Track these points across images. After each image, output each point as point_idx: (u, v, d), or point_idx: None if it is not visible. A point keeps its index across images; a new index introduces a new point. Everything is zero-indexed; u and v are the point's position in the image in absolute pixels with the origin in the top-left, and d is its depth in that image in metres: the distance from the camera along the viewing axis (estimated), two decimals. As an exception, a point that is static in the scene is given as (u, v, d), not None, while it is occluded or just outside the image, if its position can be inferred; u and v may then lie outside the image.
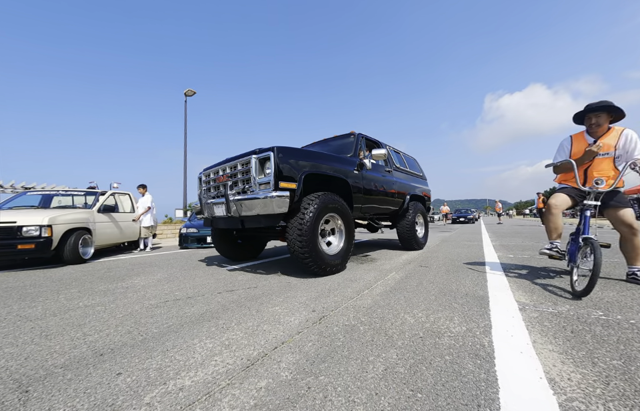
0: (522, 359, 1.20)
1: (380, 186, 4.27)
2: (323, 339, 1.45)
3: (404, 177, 5.28)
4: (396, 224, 5.06)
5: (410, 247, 5.01)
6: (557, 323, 1.58)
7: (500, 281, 2.58)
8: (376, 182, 4.18)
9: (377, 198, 4.21)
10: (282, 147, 2.88)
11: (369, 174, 4.04)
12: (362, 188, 3.80)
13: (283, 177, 2.80)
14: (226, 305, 2.06)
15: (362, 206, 3.85)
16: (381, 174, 4.43)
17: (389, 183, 4.57)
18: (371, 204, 4.08)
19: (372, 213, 4.31)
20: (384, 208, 4.46)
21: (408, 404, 0.94)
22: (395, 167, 5.01)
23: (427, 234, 5.64)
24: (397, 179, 4.90)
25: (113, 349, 1.40)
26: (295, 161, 2.97)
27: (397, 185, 4.82)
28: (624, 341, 1.34)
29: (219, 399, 0.99)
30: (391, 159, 4.98)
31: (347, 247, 3.32)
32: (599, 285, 2.36)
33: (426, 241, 5.53)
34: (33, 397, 1.03)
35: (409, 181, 5.41)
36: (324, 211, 2.99)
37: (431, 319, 1.70)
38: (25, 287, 2.90)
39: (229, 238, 4.30)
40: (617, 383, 1.03)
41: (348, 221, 3.35)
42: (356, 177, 3.71)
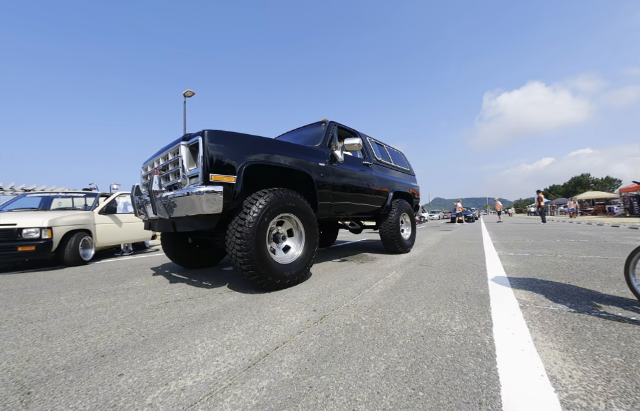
0: (523, 357, 1.20)
1: (356, 181, 3.77)
2: (324, 339, 1.45)
3: (387, 171, 4.73)
4: (379, 224, 4.58)
5: (393, 250, 4.50)
6: (558, 321, 1.58)
7: (500, 280, 2.59)
8: (351, 177, 3.67)
9: (353, 195, 3.71)
10: (215, 131, 2.32)
11: (342, 168, 3.52)
12: (331, 184, 3.27)
13: (215, 168, 2.24)
14: (227, 306, 2.06)
15: (332, 204, 3.32)
16: (358, 168, 3.90)
17: (368, 178, 4.06)
18: (345, 202, 3.57)
19: (348, 212, 3.79)
20: (362, 206, 3.94)
21: (410, 403, 0.95)
22: (375, 160, 4.48)
23: (413, 235, 5.10)
24: (378, 174, 4.38)
25: (114, 350, 1.40)
26: (232, 148, 2.39)
27: (377, 180, 4.29)
28: (625, 338, 1.34)
29: (221, 399, 0.99)
30: (370, 151, 4.47)
31: (307, 253, 2.78)
32: (600, 282, 2.36)
33: (412, 243, 4.99)
34: (34, 399, 1.03)
35: (393, 177, 4.86)
36: (275, 211, 2.47)
37: (431, 317, 1.70)
38: (25, 289, 2.90)
39: (182, 242, 3.66)
40: (618, 380, 1.03)
41: (310, 223, 2.82)
42: (323, 171, 3.16)
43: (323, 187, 3.17)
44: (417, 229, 12.50)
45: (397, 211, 4.45)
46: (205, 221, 2.35)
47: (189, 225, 2.43)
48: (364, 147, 4.31)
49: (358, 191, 3.80)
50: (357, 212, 3.95)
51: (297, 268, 2.63)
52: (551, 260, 3.49)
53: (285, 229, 2.84)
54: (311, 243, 2.84)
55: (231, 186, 2.32)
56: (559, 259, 3.52)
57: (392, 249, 4.51)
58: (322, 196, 3.16)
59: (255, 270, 2.29)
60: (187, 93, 13.33)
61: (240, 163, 2.40)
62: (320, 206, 3.16)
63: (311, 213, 2.84)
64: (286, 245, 2.82)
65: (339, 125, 3.94)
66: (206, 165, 2.22)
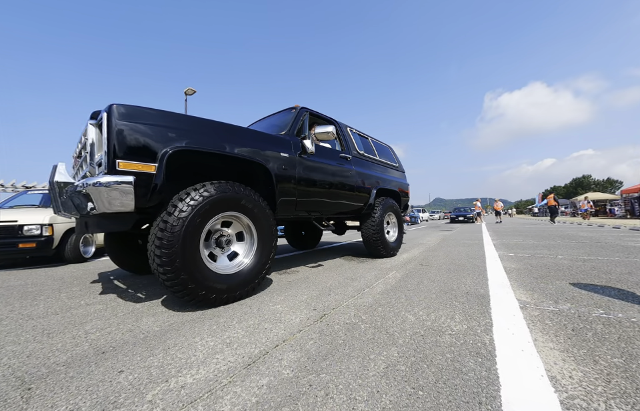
0: (523, 357, 1.20)
1: (331, 176, 3.33)
2: (324, 338, 1.45)
3: (370, 167, 4.26)
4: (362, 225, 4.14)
5: (376, 254, 4.06)
6: (558, 322, 1.58)
7: (501, 280, 2.58)
8: (324, 171, 3.22)
9: (327, 192, 3.25)
10: (126, 106, 1.84)
11: (313, 160, 3.07)
12: (297, 178, 2.81)
13: (125, 153, 1.77)
14: (227, 304, 2.07)
15: (298, 201, 2.87)
16: (335, 161, 3.46)
17: (346, 173, 3.61)
18: (316, 198, 3.11)
19: (323, 211, 3.32)
20: (339, 204, 3.51)
21: (409, 402, 0.95)
22: (356, 153, 4.02)
23: (400, 238, 4.62)
24: (359, 169, 3.92)
25: (114, 347, 1.40)
26: (152, 129, 1.90)
27: (357, 175, 3.83)
28: (625, 339, 1.34)
29: (221, 396, 1.00)
30: (350, 142, 4.01)
31: (260, 262, 2.29)
32: (600, 284, 2.36)
33: (399, 246, 4.51)
34: (35, 394, 1.04)
35: (378, 173, 4.39)
36: (215, 210, 2.02)
37: (431, 317, 1.70)
38: (26, 285, 2.91)
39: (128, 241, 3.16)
40: (618, 381, 1.03)
41: (264, 225, 2.35)
42: (285, 163, 2.70)
43: (285, 182, 2.70)
44: (416, 230, 12.49)
45: (381, 211, 4.05)
46: (114, 221, 1.96)
47: (97, 225, 2.01)
48: (343, 138, 3.90)
49: (333, 188, 3.35)
50: (334, 211, 3.52)
51: (243, 279, 2.16)
52: (551, 261, 3.49)
53: (235, 231, 2.34)
54: (266, 249, 2.36)
55: (149, 177, 1.85)
56: (560, 260, 3.52)
57: (374, 252, 4.06)
58: (284, 192, 2.69)
59: (182, 285, 1.82)
60: (188, 90, 13.31)
61: (163, 148, 1.91)
62: (281, 204, 2.70)
63: (266, 212, 2.37)
64: (233, 251, 2.31)
65: (312, 112, 3.46)
66: (112, 149, 1.74)
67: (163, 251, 1.77)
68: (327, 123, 3.74)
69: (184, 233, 1.84)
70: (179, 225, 1.83)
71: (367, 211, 4.04)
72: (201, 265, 1.93)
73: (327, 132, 2.97)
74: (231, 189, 2.13)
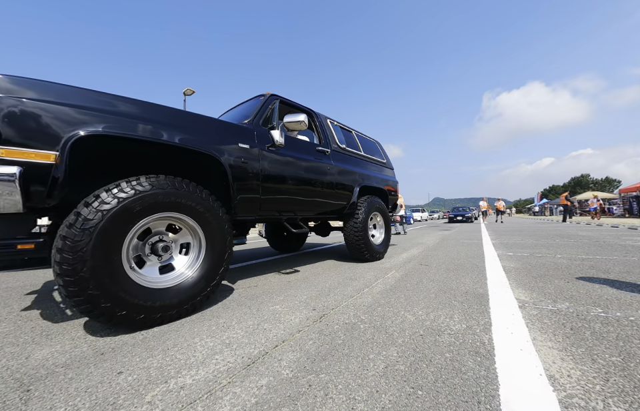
0: (522, 357, 1.21)
1: (304, 172, 2.97)
2: (323, 338, 1.45)
3: (353, 162, 3.91)
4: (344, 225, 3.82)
5: (359, 257, 3.74)
6: (557, 321, 1.58)
7: (500, 279, 2.59)
8: (296, 166, 2.88)
9: (300, 189, 2.90)
10: (13, 77, 1.46)
11: (283, 154, 2.74)
12: (261, 173, 2.45)
13: (12, 136, 1.39)
14: (226, 304, 2.07)
15: (263, 199, 2.50)
16: (310, 156, 3.12)
17: (323, 169, 3.25)
18: (287, 196, 2.77)
19: (297, 210, 2.99)
20: (315, 203, 3.16)
21: (409, 401, 0.95)
22: (337, 147, 3.66)
23: (388, 239, 4.31)
24: (340, 165, 3.56)
25: (113, 348, 1.40)
26: (50, 108, 1.50)
27: (338, 171, 3.48)
28: (623, 338, 1.35)
29: (220, 397, 1.00)
30: (329, 135, 3.63)
31: (207, 274, 1.94)
32: (598, 283, 2.37)
33: (386, 249, 4.20)
34: (34, 396, 1.03)
35: (361, 168, 4.04)
36: (144, 210, 1.64)
37: (431, 317, 1.70)
38: (24, 287, 2.90)
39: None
40: (616, 379, 1.03)
41: (214, 227, 1.98)
42: (245, 155, 2.33)
43: (245, 177, 2.33)
44: (415, 229, 12.50)
45: (365, 210, 3.74)
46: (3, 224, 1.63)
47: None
48: (321, 130, 3.57)
49: (308, 185, 3.01)
50: (311, 211, 3.19)
51: (183, 296, 1.79)
52: (550, 260, 3.50)
53: (184, 238, 1.99)
54: (216, 258, 1.99)
55: (46, 168, 1.47)
56: (558, 259, 3.53)
57: (358, 256, 3.73)
58: (243, 189, 2.32)
59: (93, 303, 1.45)
60: (187, 91, 13.28)
61: (70, 131, 1.51)
62: (241, 203, 2.34)
63: (216, 213, 2.01)
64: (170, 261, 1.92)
65: (283, 100, 3.10)
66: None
67: (65, 255, 1.40)
68: (300, 112, 3.34)
69: (99, 239, 1.47)
70: (89, 230, 1.45)
71: (349, 210, 3.72)
72: (123, 278, 1.57)
73: (298, 121, 2.63)
74: (167, 185, 1.76)
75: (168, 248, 1.90)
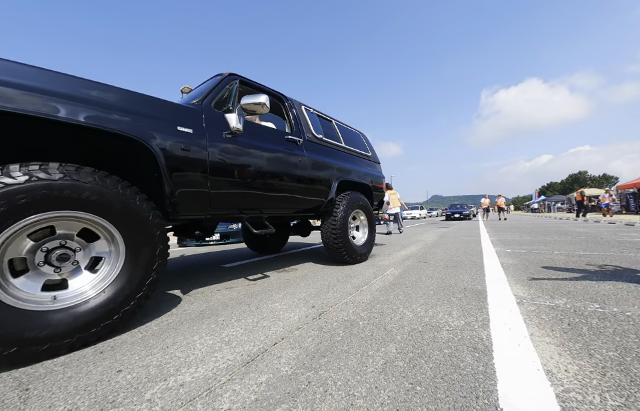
0: (520, 352, 1.21)
1: (267, 163, 2.56)
2: (322, 335, 1.45)
3: (331, 154, 3.49)
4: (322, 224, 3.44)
5: (339, 259, 3.38)
6: (554, 316, 1.59)
7: (498, 276, 2.60)
8: (258, 157, 2.49)
9: (263, 184, 2.51)
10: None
11: (241, 142, 2.34)
12: (209, 163, 2.07)
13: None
14: (225, 302, 2.07)
15: (212, 194, 2.11)
16: (278, 145, 2.74)
17: (294, 161, 2.87)
18: (245, 191, 2.36)
19: (264, 208, 2.62)
20: (283, 199, 2.77)
21: (407, 397, 0.95)
22: (312, 137, 3.24)
23: (372, 240, 3.92)
24: (314, 156, 3.16)
25: (112, 346, 1.40)
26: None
27: (311, 165, 3.07)
28: (620, 333, 1.36)
29: (220, 394, 1.00)
30: (303, 123, 3.22)
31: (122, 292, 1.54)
32: (595, 278, 2.38)
33: (369, 251, 3.83)
34: (33, 395, 1.03)
35: (340, 161, 3.61)
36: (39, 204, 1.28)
37: (429, 313, 1.71)
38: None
39: None
40: (613, 374, 1.04)
41: (135, 230, 1.59)
42: (187, 142, 1.95)
43: (187, 168, 1.95)
44: (414, 227, 12.51)
45: (345, 208, 3.36)
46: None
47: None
48: (293, 117, 3.17)
49: (274, 178, 2.63)
50: (280, 209, 2.83)
51: (77, 323, 1.37)
52: (547, 256, 3.52)
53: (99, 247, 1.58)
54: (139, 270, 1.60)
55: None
56: (556, 256, 3.55)
57: (337, 257, 3.38)
58: (184, 182, 1.94)
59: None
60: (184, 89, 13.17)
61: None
62: (182, 199, 1.94)
63: (139, 213, 1.60)
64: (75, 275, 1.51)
65: (245, 81, 2.68)
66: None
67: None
68: (260, 92, 2.84)
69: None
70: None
71: (326, 208, 3.34)
72: None
73: (258, 103, 2.24)
74: (63, 176, 1.34)
75: (66, 257, 1.45)
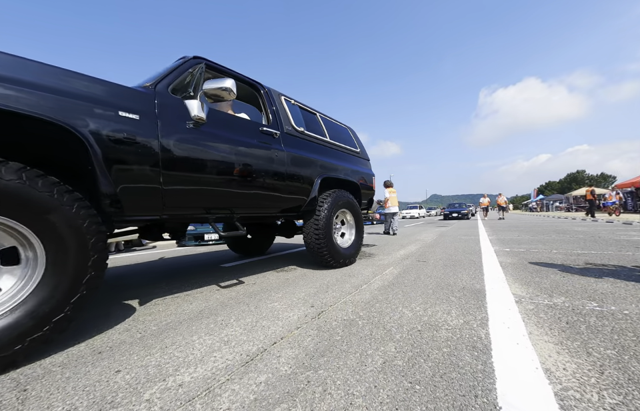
0: (518, 351, 1.22)
1: (240, 158, 2.30)
2: (321, 334, 1.45)
3: (313, 148, 3.19)
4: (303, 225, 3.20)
5: (322, 262, 3.12)
6: (553, 315, 1.60)
7: (496, 275, 2.61)
8: (225, 149, 2.20)
9: (231, 180, 2.24)
10: None
11: (203, 132, 2.06)
12: (160, 155, 1.79)
13: None
14: (224, 302, 2.06)
15: (166, 191, 1.84)
16: (252, 138, 2.46)
17: (269, 156, 2.58)
18: (208, 188, 2.09)
19: (234, 207, 2.35)
20: (258, 197, 2.50)
21: (407, 396, 0.95)
22: (291, 129, 2.96)
23: (359, 241, 3.65)
24: (294, 151, 2.88)
25: (111, 347, 1.40)
26: None
27: (290, 160, 2.80)
28: (618, 332, 1.36)
29: (219, 394, 1.00)
30: (282, 114, 2.95)
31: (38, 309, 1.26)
32: (594, 277, 2.39)
33: (357, 253, 3.56)
34: (31, 396, 1.03)
35: (324, 157, 3.32)
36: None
37: (428, 312, 1.71)
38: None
39: None
40: (610, 372, 1.05)
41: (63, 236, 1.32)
42: (134, 129, 1.68)
43: (131, 160, 1.67)
44: (413, 226, 12.52)
45: (329, 207, 3.10)
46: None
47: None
48: (270, 107, 2.89)
49: (246, 174, 2.34)
50: (254, 208, 2.55)
51: None
52: (546, 255, 3.53)
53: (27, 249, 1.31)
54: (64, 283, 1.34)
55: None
56: (554, 255, 3.56)
57: (319, 260, 3.13)
58: (128, 176, 1.67)
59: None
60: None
61: None
62: (125, 195, 1.66)
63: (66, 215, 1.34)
64: None
65: (211, 65, 2.36)
66: None
67: None
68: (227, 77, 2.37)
69: None
70: None
71: (309, 207, 3.07)
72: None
73: (222, 88, 2.00)
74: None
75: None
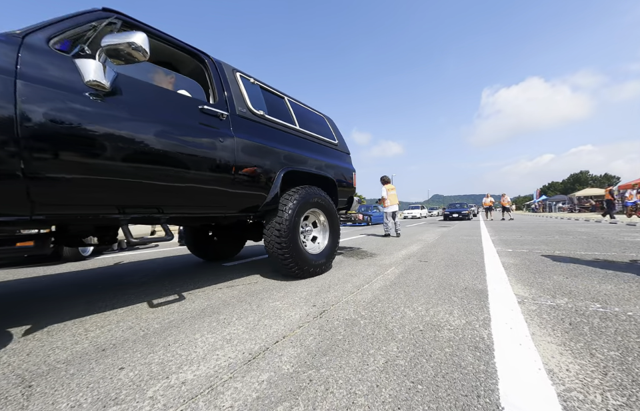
0: (521, 351, 1.21)
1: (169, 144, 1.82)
2: (323, 333, 1.46)
3: (274, 136, 2.70)
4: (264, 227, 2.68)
5: (286, 271, 2.61)
6: (556, 316, 1.59)
7: (499, 275, 2.60)
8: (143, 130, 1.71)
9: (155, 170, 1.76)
10: None
11: (109, 105, 1.58)
12: (17, 131, 1.25)
13: None
14: (226, 301, 2.07)
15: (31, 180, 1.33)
16: (187, 119, 2.00)
17: (210, 142, 2.09)
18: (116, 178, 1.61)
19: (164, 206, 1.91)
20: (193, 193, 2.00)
21: (409, 396, 0.96)
22: (246, 111, 2.48)
23: (333, 246, 3.10)
24: (246, 138, 2.37)
25: (115, 344, 1.41)
26: None
27: (241, 148, 2.31)
28: (621, 333, 1.36)
29: (222, 392, 1.00)
30: (234, 93, 2.47)
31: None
32: (597, 278, 2.38)
33: (330, 260, 3.01)
34: (36, 392, 1.04)
35: (290, 147, 2.83)
36: None
37: (430, 312, 1.71)
38: (24, 284, 2.91)
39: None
40: (614, 373, 1.04)
41: None
42: None
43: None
44: (415, 226, 12.46)
45: (295, 206, 2.61)
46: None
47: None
48: (217, 84, 2.39)
49: (175, 163, 1.86)
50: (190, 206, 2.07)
51: None
52: (549, 256, 3.51)
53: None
54: None
55: None
56: (557, 256, 3.54)
57: (283, 270, 2.62)
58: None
59: None
60: (185, 88, 13.14)
61: None
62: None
63: None
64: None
65: (128, 21, 1.86)
66: None
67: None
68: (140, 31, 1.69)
69: None
70: None
71: (269, 206, 2.59)
72: None
73: (128, 43, 1.45)
74: None
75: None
